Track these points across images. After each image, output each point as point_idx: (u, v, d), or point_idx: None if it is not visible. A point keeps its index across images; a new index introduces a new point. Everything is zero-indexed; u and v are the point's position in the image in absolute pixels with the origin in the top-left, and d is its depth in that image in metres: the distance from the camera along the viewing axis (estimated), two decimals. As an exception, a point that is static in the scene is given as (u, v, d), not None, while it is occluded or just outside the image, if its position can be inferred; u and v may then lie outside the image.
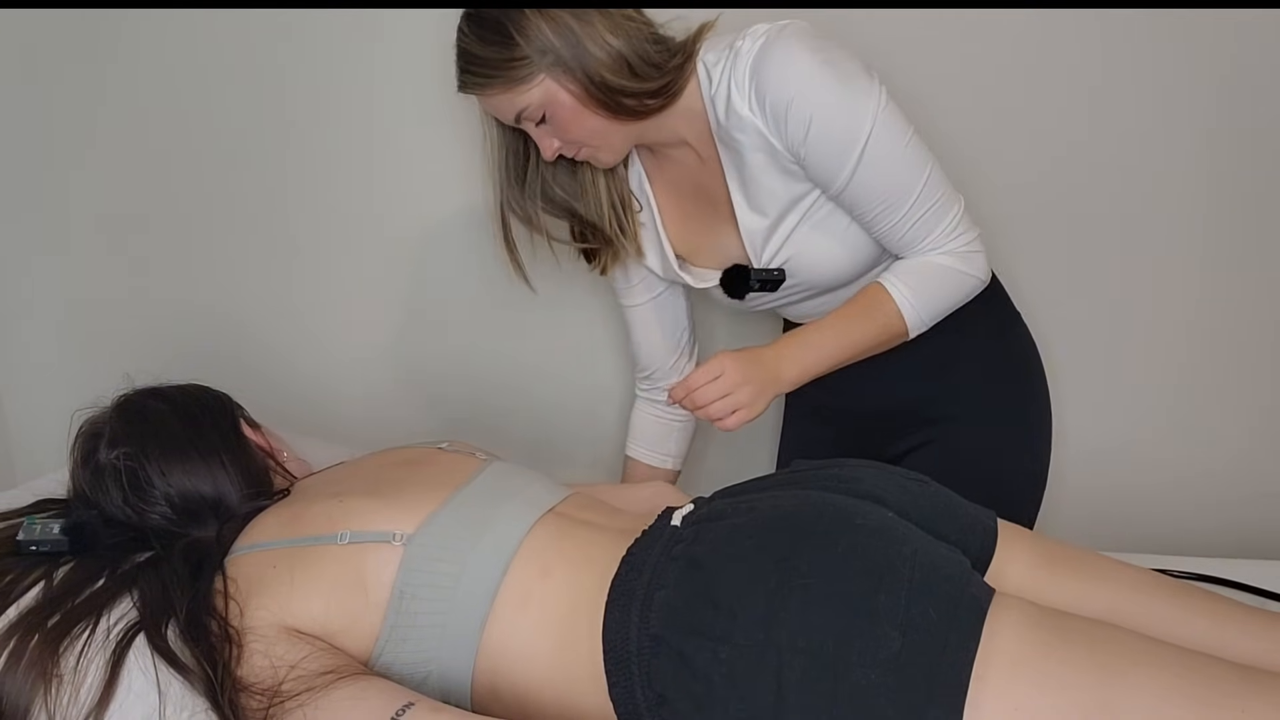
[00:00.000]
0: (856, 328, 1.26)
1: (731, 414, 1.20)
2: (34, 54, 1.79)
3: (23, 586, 1.01)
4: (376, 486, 1.09)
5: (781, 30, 1.17)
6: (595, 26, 1.16)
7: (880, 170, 1.18)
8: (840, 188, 1.20)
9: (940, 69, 1.57)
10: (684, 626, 0.90)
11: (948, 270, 1.25)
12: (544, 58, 1.15)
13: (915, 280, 1.25)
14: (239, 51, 1.73)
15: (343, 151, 1.77)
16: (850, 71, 1.17)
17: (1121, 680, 0.83)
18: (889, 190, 1.20)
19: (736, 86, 1.18)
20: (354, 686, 0.91)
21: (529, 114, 1.20)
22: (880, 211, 1.21)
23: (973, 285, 1.28)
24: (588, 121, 1.20)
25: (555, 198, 1.36)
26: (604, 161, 1.27)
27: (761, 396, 1.22)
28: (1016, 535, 1.07)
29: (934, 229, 1.23)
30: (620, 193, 1.36)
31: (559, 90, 1.17)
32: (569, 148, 1.24)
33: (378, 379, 1.90)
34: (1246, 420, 1.69)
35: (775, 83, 1.15)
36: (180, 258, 1.88)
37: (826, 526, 0.92)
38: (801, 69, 1.15)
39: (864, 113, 1.16)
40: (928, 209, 1.22)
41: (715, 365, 1.20)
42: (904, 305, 1.25)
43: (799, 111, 1.15)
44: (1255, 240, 1.60)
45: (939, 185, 1.22)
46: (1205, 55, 1.52)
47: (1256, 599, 1.25)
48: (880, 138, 1.17)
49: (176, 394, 1.18)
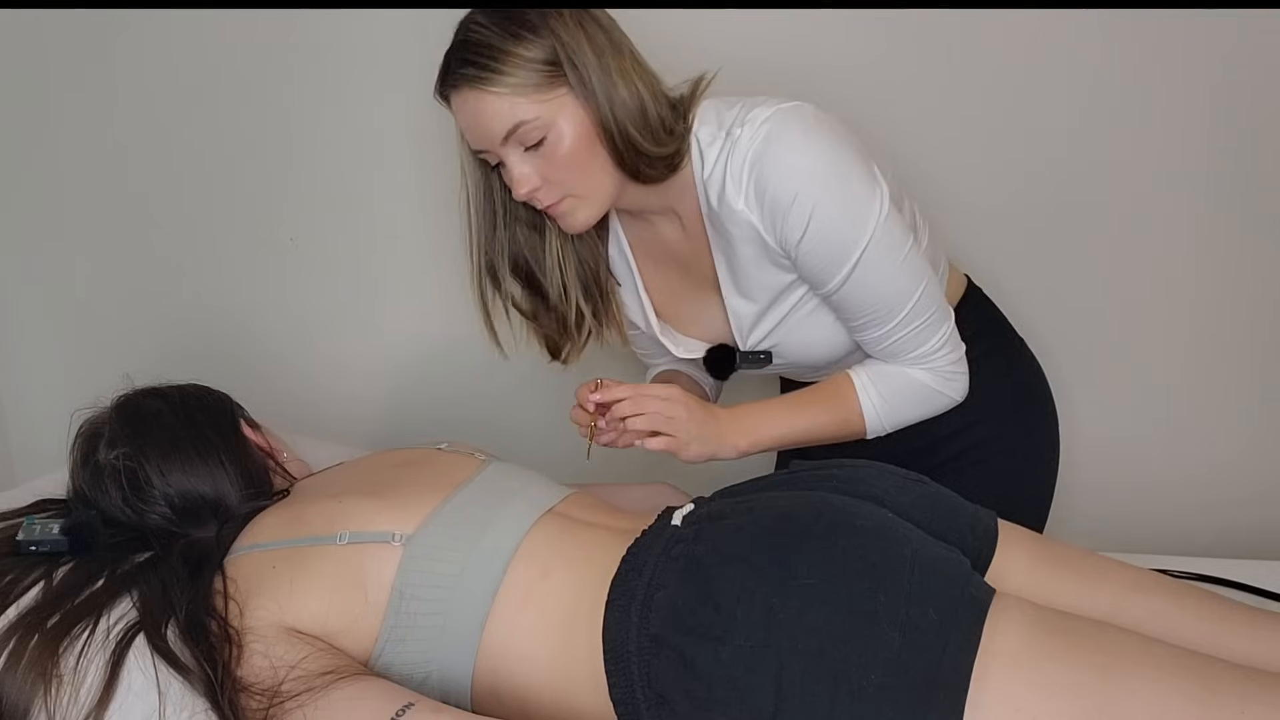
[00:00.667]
0: (816, 421, 1.22)
1: (655, 434, 1.14)
2: (35, 54, 1.79)
3: (23, 586, 1.01)
4: (376, 487, 1.09)
5: (785, 119, 1.09)
6: (625, 60, 1.08)
7: (874, 280, 1.13)
8: (832, 290, 1.15)
9: (939, 69, 1.56)
10: (684, 627, 0.90)
11: (924, 388, 1.21)
12: (574, 73, 1.05)
13: (888, 389, 1.21)
14: (242, 52, 1.73)
15: (343, 152, 1.77)
16: (855, 173, 1.10)
17: (1122, 681, 0.83)
18: (880, 301, 1.14)
19: (732, 178, 1.10)
20: (354, 687, 0.91)
21: (525, 132, 1.07)
22: (868, 320, 1.16)
23: (945, 404, 1.23)
24: (589, 162, 1.09)
25: (521, 264, 1.24)
26: (579, 219, 1.14)
27: (692, 445, 1.15)
28: (1017, 535, 1.07)
29: (920, 345, 1.18)
30: (596, 275, 1.26)
31: (576, 114, 1.07)
32: (548, 191, 1.11)
33: (378, 379, 1.90)
34: (1246, 420, 1.69)
35: (776, 179, 1.08)
36: (180, 258, 1.88)
37: (826, 527, 0.92)
38: (806, 166, 1.08)
39: (865, 221, 1.10)
40: (917, 325, 1.16)
41: (670, 389, 1.15)
42: (869, 411, 1.21)
43: (799, 211, 1.08)
44: (1254, 241, 1.60)
45: (932, 302, 1.17)
46: (1205, 55, 1.52)
47: (1256, 599, 1.25)
48: (879, 248, 1.11)
49: (176, 394, 1.18)
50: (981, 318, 1.40)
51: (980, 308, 1.42)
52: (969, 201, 1.60)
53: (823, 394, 1.24)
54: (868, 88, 1.55)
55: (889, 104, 1.56)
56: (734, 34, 1.54)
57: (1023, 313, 1.48)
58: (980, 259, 1.53)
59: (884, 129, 1.41)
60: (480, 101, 1.07)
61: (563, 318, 1.27)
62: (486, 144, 1.10)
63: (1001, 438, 1.36)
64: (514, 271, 1.24)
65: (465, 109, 1.09)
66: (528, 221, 1.22)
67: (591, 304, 1.27)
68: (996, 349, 1.39)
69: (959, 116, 1.58)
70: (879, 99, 1.55)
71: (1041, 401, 1.43)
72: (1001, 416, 1.36)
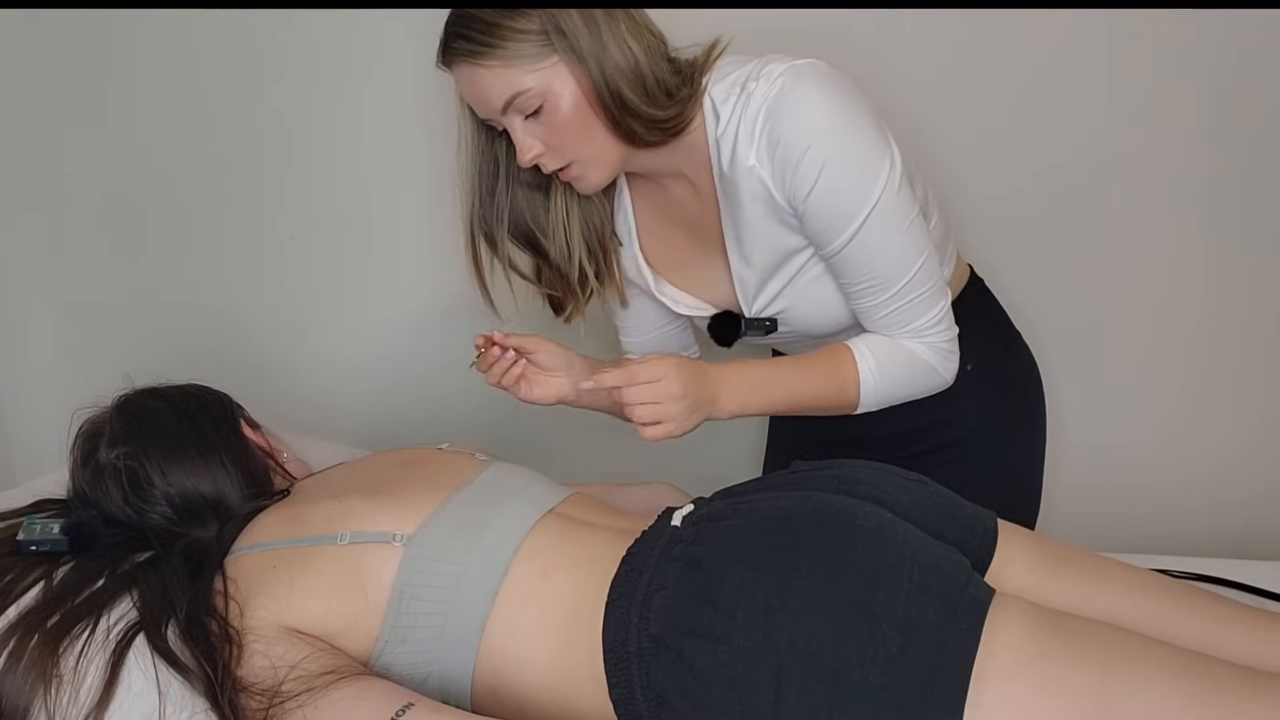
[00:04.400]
0: (810, 386, 1.19)
1: (656, 424, 1.11)
2: (34, 54, 1.79)
3: (23, 586, 1.01)
4: (376, 487, 1.09)
5: (799, 73, 1.08)
6: (619, 24, 1.08)
7: (879, 244, 1.12)
8: (835, 250, 1.14)
9: (940, 69, 1.56)
10: (684, 627, 0.90)
11: (922, 363, 1.19)
12: (562, 39, 1.06)
13: (886, 361, 1.19)
14: (240, 52, 1.73)
15: (343, 152, 1.77)
16: (868, 134, 1.10)
17: (1121, 681, 0.83)
18: (883, 266, 1.13)
19: (745, 131, 1.10)
20: (354, 687, 0.91)
21: (522, 102, 1.08)
22: (868, 285, 1.15)
23: (936, 385, 1.22)
24: (588, 128, 1.10)
25: (521, 226, 1.23)
26: (590, 182, 1.15)
27: (691, 417, 1.12)
28: (1017, 535, 1.07)
29: (919, 317, 1.17)
30: (600, 235, 1.26)
31: (569, 81, 1.07)
32: (553, 157, 1.13)
33: (378, 379, 1.90)
34: (1246, 420, 1.69)
35: (790, 130, 1.08)
36: (180, 258, 1.88)
37: (826, 528, 0.92)
38: (820, 119, 1.07)
39: (875, 180, 1.10)
40: (915, 296, 1.16)
41: (659, 369, 1.10)
42: (866, 381, 1.19)
43: (811, 163, 1.08)
44: (1255, 241, 1.60)
45: (931, 274, 1.16)
46: (1205, 55, 1.52)
47: (1256, 599, 1.25)
48: (886, 209, 1.10)
49: (176, 394, 1.18)
50: (983, 308, 1.40)
51: (982, 298, 1.42)
52: (975, 197, 1.60)
53: (820, 361, 1.21)
54: (872, 84, 1.55)
55: (894, 101, 1.56)
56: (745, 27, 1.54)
57: (1025, 312, 1.48)
58: (985, 256, 1.53)
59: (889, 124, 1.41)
60: (475, 75, 1.09)
61: (566, 277, 1.27)
62: (488, 114, 1.12)
63: (993, 428, 1.37)
64: (513, 234, 1.24)
65: (463, 81, 1.11)
66: (530, 183, 1.22)
67: (594, 264, 1.27)
68: (995, 340, 1.40)
69: (963, 115, 1.58)
70: (885, 95, 1.54)
71: (1035, 396, 1.44)
72: (995, 407, 1.37)
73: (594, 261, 1.27)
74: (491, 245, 1.24)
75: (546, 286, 1.29)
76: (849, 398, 1.20)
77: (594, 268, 1.27)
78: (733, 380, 1.16)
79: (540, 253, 1.26)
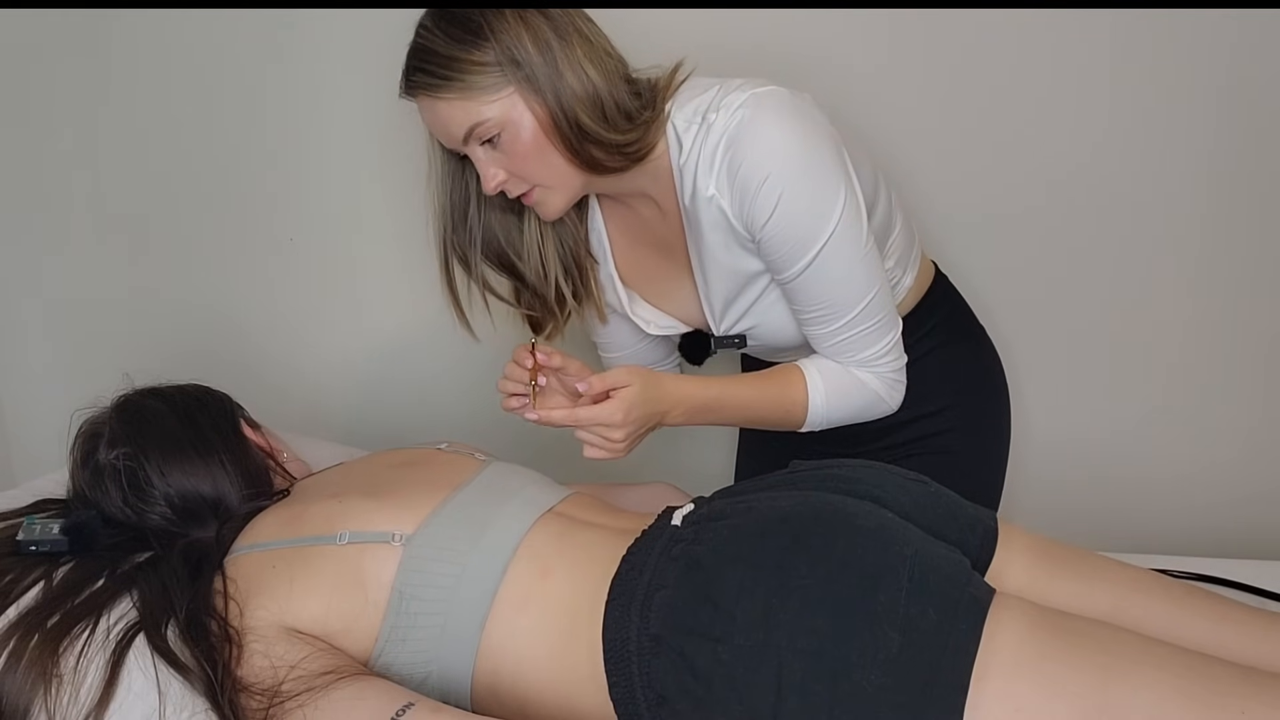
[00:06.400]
0: (760, 408, 1.22)
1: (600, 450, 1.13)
2: (33, 54, 1.79)
3: (23, 586, 1.01)
4: (376, 487, 1.09)
5: (760, 102, 1.10)
6: (575, 50, 1.08)
7: (834, 274, 1.14)
8: (790, 277, 1.15)
9: (936, 68, 1.56)
10: (684, 627, 0.90)
11: (870, 391, 1.22)
12: (517, 70, 1.07)
13: (835, 386, 1.21)
14: (238, 52, 1.73)
15: (343, 151, 1.77)
16: (827, 164, 1.11)
17: (1122, 681, 0.83)
18: (834, 296, 1.15)
19: (704, 161, 1.11)
20: (354, 687, 0.91)
21: (482, 131, 1.09)
22: (821, 313, 1.17)
23: (883, 411, 1.24)
24: (546, 155, 1.11)
25: (496, 249, 1.24)
26: (551, 208, 1.16)
27: (632, 443, 1.14)
28: (1017, 535, 1.07)
29: (867, 348, 1.19)
30: (575, 255, 1.27)
31: (525, 111, 1.08)
32: (515, 184, 1.14)
33: (377, 379, 1.90)
34: (1246, 420, 1.69)
35: (749, 160, 1.09)
36: (179, 258, 1.88)
37: (826, 527, 0.92)
38: (778, 150, 1.09)
39: (831, 211, 1.11)
40: (865, 327, 1.18)
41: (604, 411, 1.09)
42: (815, 406, 1.21)
43: (769, 193, 1.09)
44: (1253, 241, 1.60)
45: (882, 307, 1.18)
46: (1205, 56, 1.52)
47: (1256, 599, 1.25)
48: (840, 240, 1.12)
49: (176, 394, 1.18)
50: (948, 305, 1.42)
51: (947, 296, 1.44)
52: (963, 203, 1.60)
53: (772, 384, 1.23)
54: (859, 83, 1.55)
55: (877, 100, 1.56)
56: (730, 29, 1.54)
57: (1022, 314, 1.48)
58: (985, 256, 1.54)
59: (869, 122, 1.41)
60: (435, 107, 1.10)
61: (543, 298, 1.28)
62: (451, 143, 1.14)
63: (961, 425, 1.39)
64: (487, 257, 1.25)
65: (425, 112, 1.13)
66: (502, 206, 1.23)
67: (571, 284, 1.29)
68: (959, 337, 1.41)
69: (957, 117, 1.58)
70: (867, 95, 1.55)
71: (999, 391, 1.45)
72: (962, 404, 1.39)
73: (570, 281, 1.29)
74: (466, 269, 1.25)
75: (525, 307, 1.30)
76: (795, 419, 1.23)
77: (571, 287, 1.29)
78: (686, 399, 1.18)
79: (516, 275, 1.28)
